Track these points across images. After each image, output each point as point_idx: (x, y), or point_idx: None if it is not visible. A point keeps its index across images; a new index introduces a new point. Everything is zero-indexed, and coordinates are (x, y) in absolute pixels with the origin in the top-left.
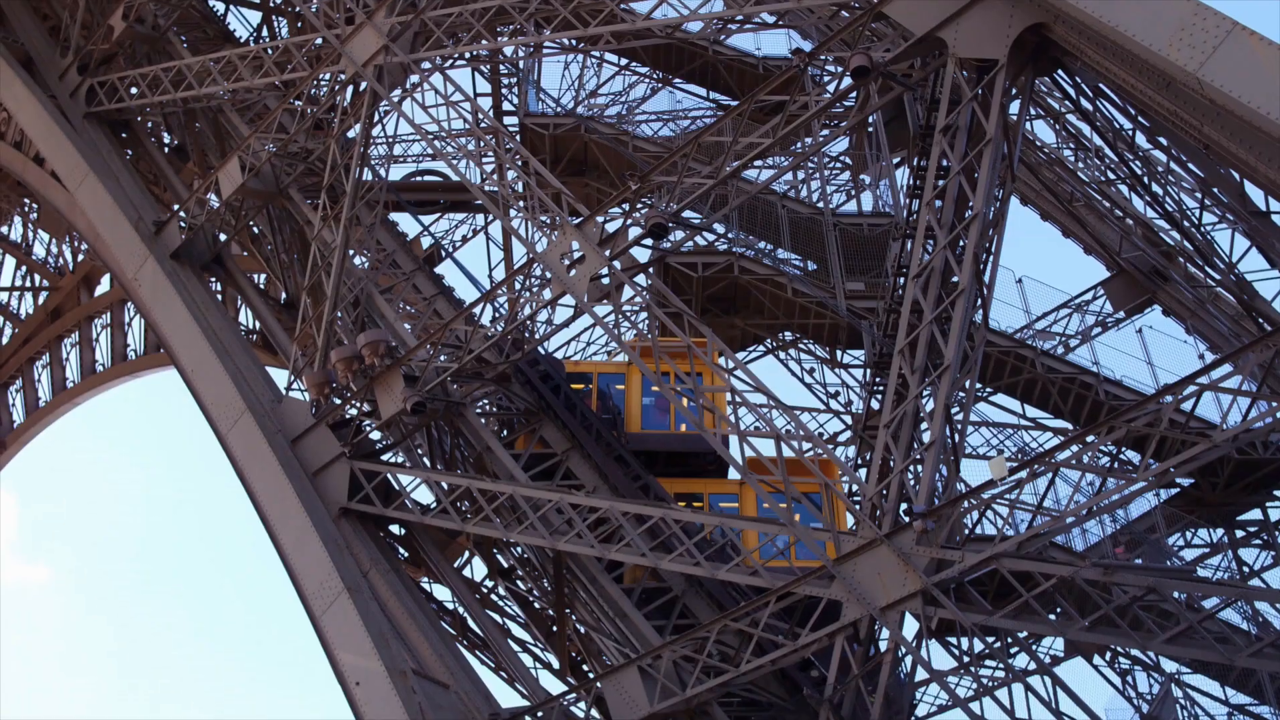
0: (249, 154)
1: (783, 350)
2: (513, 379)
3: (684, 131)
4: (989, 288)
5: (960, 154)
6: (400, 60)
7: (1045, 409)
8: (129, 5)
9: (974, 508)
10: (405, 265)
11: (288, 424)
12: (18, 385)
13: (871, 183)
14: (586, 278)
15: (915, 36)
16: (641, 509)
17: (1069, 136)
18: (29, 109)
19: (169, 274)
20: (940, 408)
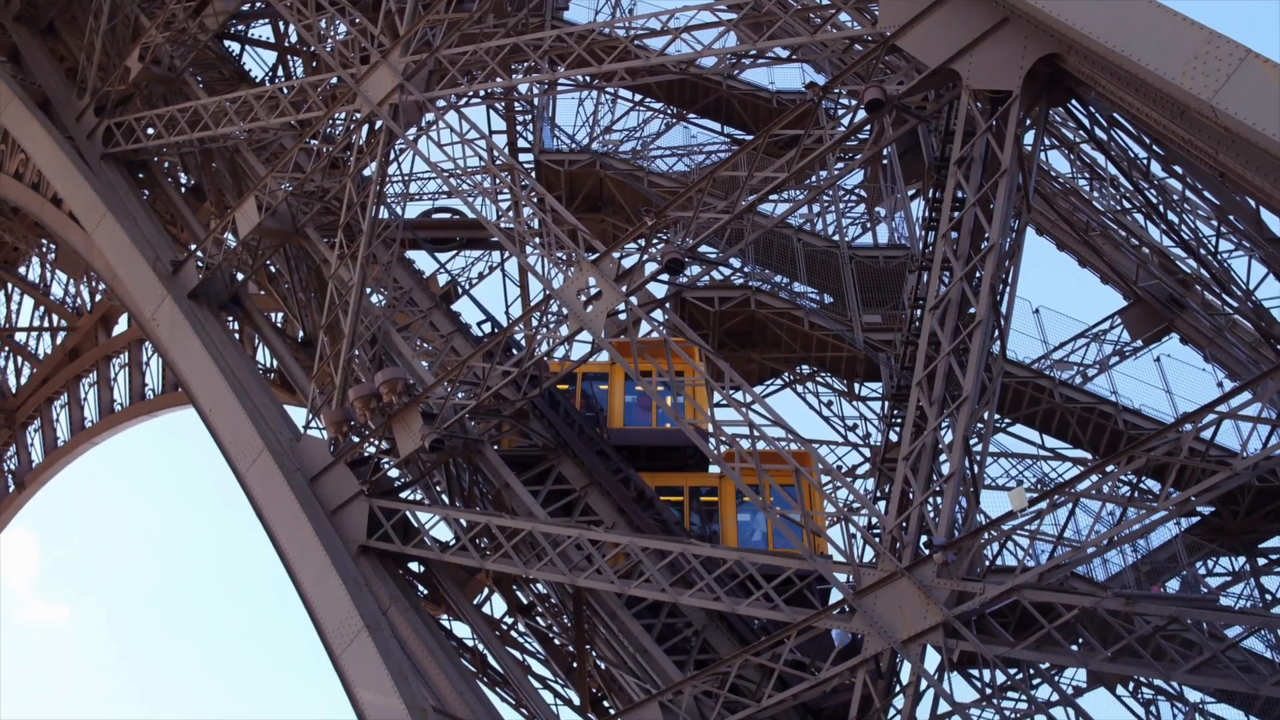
0: (265, 193)
1: (800, 384)
2: (530, 415)
3: (699, 166)
4: (1006, 319)
5: (975, 185)
6: (415, 98)
7: (1064, 439)
8: (145, 46)
9: (994, 539)
10: (422, 303)
11: (306, 462)
12: (36, 425)
13: (887, 215)
14: (603, 313)
15: (929, 69)
16: (661, 544)
17: (1084, 166)
18: (46, 150)
19: (187, 313)
20: (959, 439)
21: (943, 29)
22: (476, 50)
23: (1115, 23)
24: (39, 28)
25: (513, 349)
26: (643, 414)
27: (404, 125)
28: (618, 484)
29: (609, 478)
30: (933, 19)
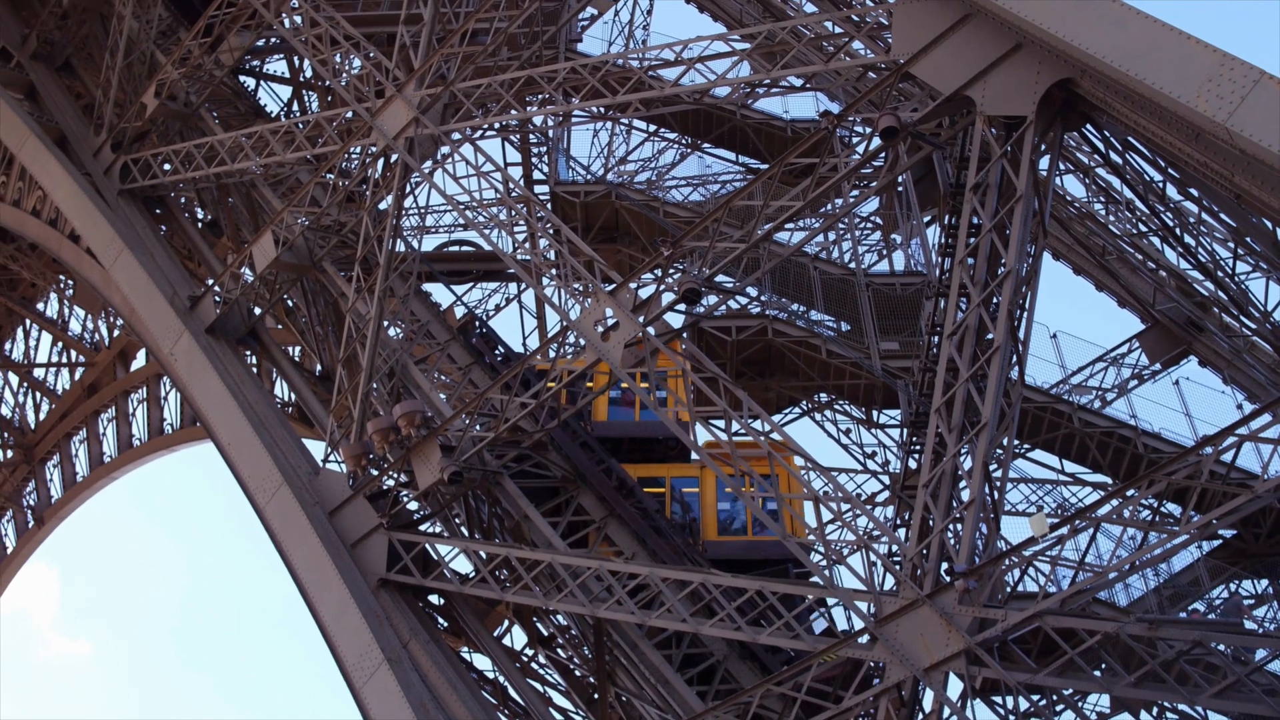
0: (282, 228)
1: (818, 412)
2: (548, 446)
3: (714, 196)
4: (1024, 344)
5: (991, 211)
6: (431, 132)
7: (1084, 464)
8: (161, 83)
9: (1015, 565)
10: (439, 335)
11: (325, 496)
12: (55, 461)
13: (903, 242)
14: (621, 344)
15: (943, 96)
16: (681, 575)
17: (1099, 190)
18: (64, 187)
19: (204, 348)
20: (979, 466)
21: (956, 56)
22: (491, 83)
23: (1128, 47)
24: (55, 65)
25: (530, 380)
26: (625, 408)
27: (419, 158)
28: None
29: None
30: (946, 46)
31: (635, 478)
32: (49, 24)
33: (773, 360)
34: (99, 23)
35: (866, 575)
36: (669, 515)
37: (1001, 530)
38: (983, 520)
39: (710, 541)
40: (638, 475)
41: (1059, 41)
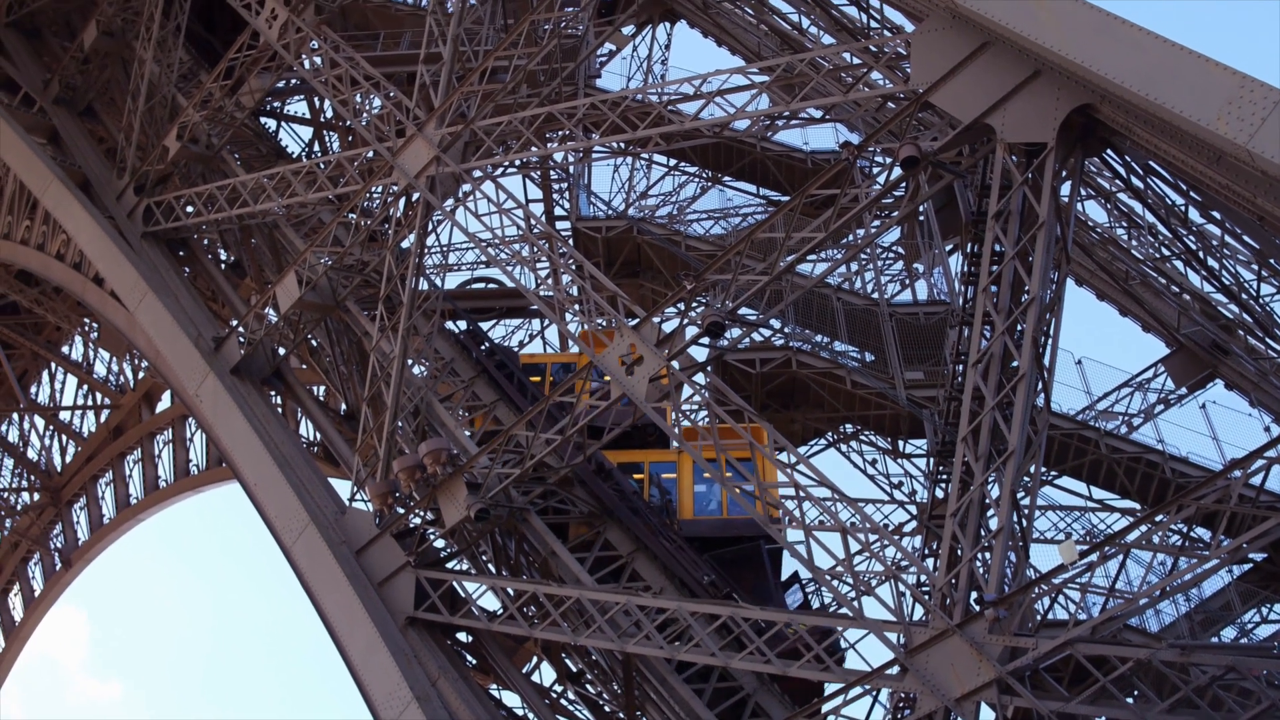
0: (305, 268)
1: (844, 443)
2: (574, 482)
3: (735, 229)
4: (1049, 371)
5: (1014, 239)
6: (452, 170)
7: (1112, 490)
8: (183, 126)
9: (1045, 593)
10: (464, 373)
11: (352, 535)
12: (82, 503)
13: (925, 271)
14: (645, 379)
15: (963, 124)
16: (710, 608)
17: (1121, 215)
18: (88, 230)
19: (230, 389)
20: (1007, 494)
21: (975, 84)
22: (511, 120)
23: (1147, 71)
24: (78, 110)
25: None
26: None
27: (441, 197)
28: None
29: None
30: (965, 74)
31: (615, 463)
32: (71, 69)
33: (797, 392)
34: (120, 67)
35: (896, 606)
36: (646, 499)
37: (1031, 558)
38: (1011, 549)
39: (685, 521)
40: (617, 461)
41: (1077, 67)
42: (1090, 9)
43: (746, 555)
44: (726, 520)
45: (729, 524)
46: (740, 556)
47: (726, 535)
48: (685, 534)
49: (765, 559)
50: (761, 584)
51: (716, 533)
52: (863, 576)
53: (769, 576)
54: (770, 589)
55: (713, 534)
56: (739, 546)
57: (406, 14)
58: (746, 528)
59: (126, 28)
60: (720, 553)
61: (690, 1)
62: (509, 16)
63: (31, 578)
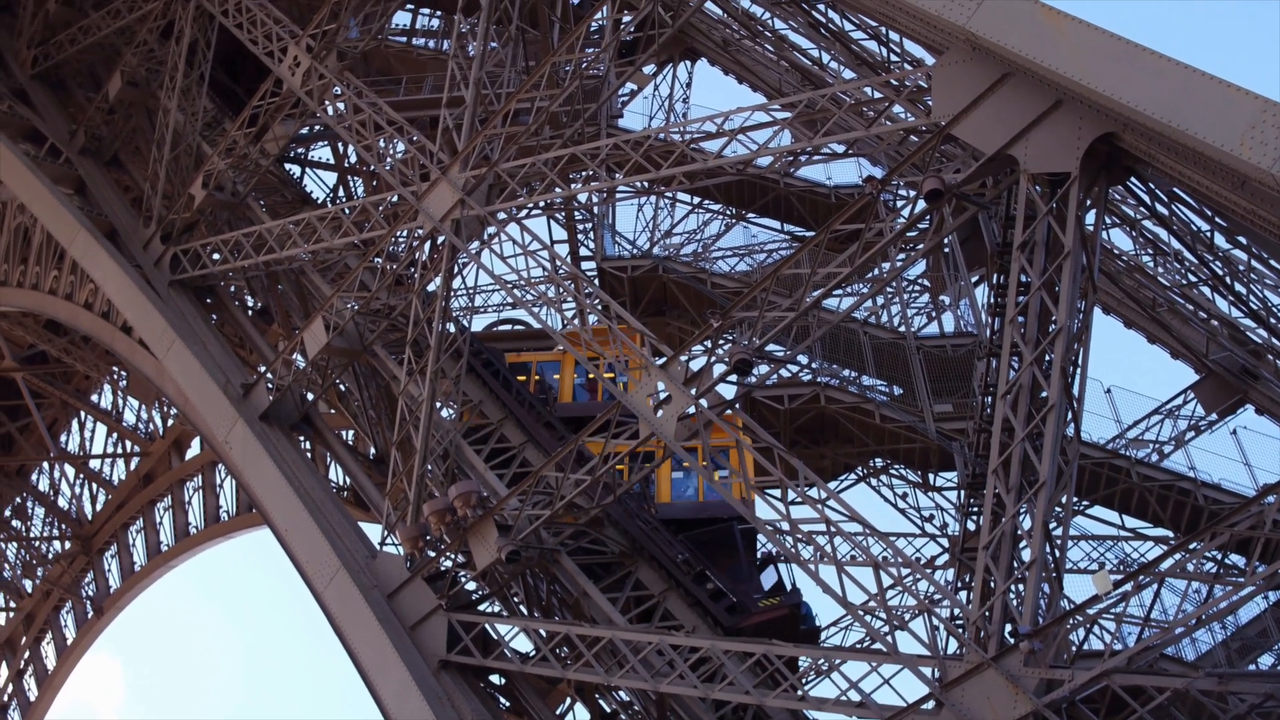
0: (332, 313)
1: (874, 477)
2: (604, 522)
3: (761, 265)
4: (1079, 400)
5: (1040, 269)
6: (476, 213)
7: (1144, 518)
8: (208, 174)
9: (1080, 624)
10: (492, 415)
11: (383, 579)
12: (113, 551)
13: (952, 303)
14: (674, 418)
15: (985, 156)
16: (743, 646)
17: (1146, 242)
18: (115, 280)
19: (259, 435)
20: (1039, 525)
21: (997, 115)
22: (534, 162)
23: (1169, 98)
24: (103, 160)
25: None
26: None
27: (466, 239)
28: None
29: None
30: (986, 106)
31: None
32: (96, 119)
33: (827, 427)
34: (145, 116)
35: (929, 640)
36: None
37: (1064, 589)
38: (1045, 580)
39: (662, 504)
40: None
41: (1099, 96)
42: (1110, 37)
43: (720, 536)
44: (701, 504)
45: (703, 507)
46: (714, 538)
47: (700, 517)
48: (661, 516)
49: (737, 539)
50: (735, 564)
51: (691, 515)
52: (896, 611)
53: (741, 556)
54: (743, 568)
55: (687, 516)
56: (712, 528)
57: (428, 58)
58: (720, 509)
59: (151, 77)
60: (695, 534)
61: (710, 39)
62: (530, 59)
63: (64, 626)
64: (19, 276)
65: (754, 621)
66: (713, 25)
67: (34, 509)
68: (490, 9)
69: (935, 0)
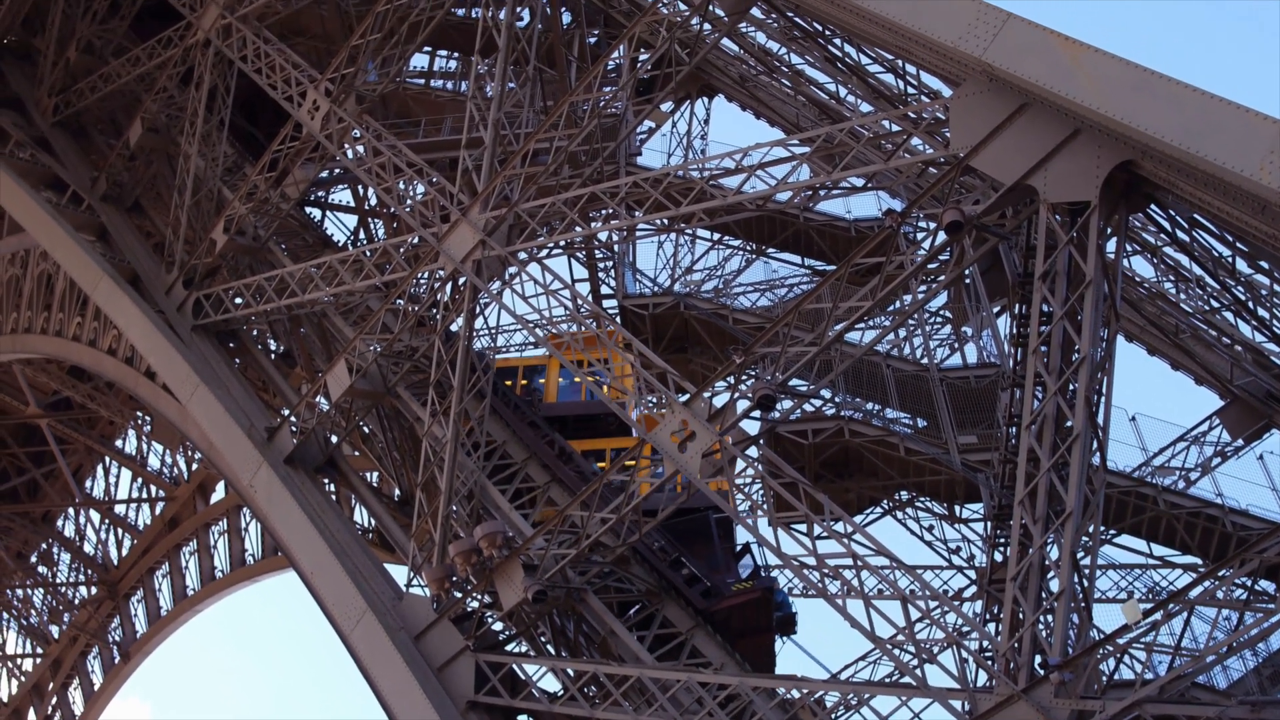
0: (355, 356)
1: (900, 510)
2: (631, 560)
3: (782, 300)
4: (1104, 429)
5: (1061, 298)
6: (497, 253)
7: (1172, 546)
8: (229, 218)
9: (1110, 654)
10: (517, 455)
11: (410, 621)
12: (139, 596)
13: (974, 334)
14: (698, 454)
15: (1005, 186)
16: (771, 683)
17: (1168, 269)
18: (138, 325)
19: (284, 479)
20: (1066, 555)
21: (1015, 146)
22: (554, 202)
23: (1186, 125)
24: (125, 206)
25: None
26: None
27: (487, 280)
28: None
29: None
30: (1005, 137)
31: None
32: (117, 166)
33: (851, 461)
34: (166, 162)
35: (959, 673)
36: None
37: (1094, 619)
38: (1074, 610)
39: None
40: (582, 449)
41: (1117, 125)
42: (1127, 65)
43: (696, 526)
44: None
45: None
46: (691, 527)
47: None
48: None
49: (713, 528)
50: (711, 553)
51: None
52: (925, 644)
53: (717, 545)
54: (719, 556)
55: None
56: (689, 518)
57: (447, 100)
58: (696, 499)
59: (171, 124)
60: (673, 524)
61: (727, 76)
62: (548, 99)
63: (91, 671)
64: (42, 323)
65: (727, 605)
66: (729, 61)
67: (60, 555)
68: (507, 50)
69: (951, 32)
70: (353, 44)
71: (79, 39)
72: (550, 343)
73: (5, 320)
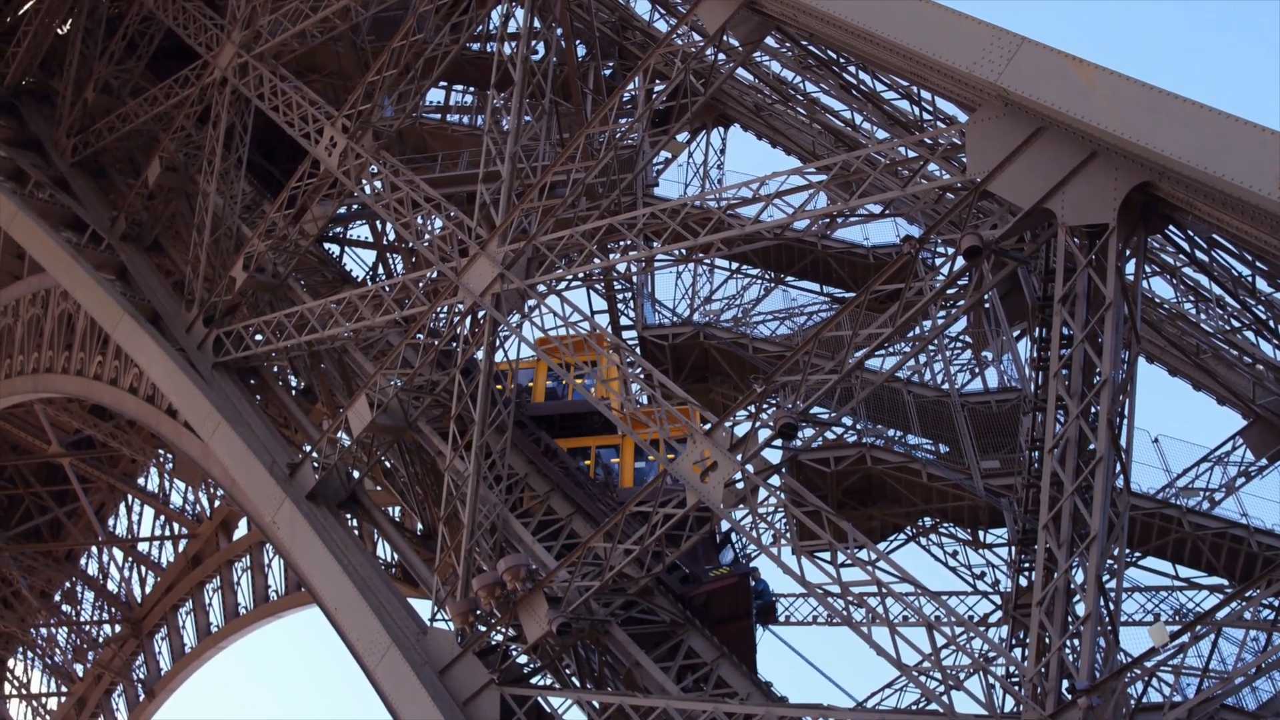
0: (376, 391)
1: (924, 536)
2: (655, 590)
3: (802, 328)
4: (1127, 451)
5: (1081, 321)
6: (516, 286)
7: (1198, 567)
8: (248, 256)
9: (1138, 678)
10: (539, 487)
11: (434, 655)
12: (163, 633)
13: (994, 358)
14: (720, 484)
15: (1022, 211)
16: (798, 713)
17: (1188, 289)
18: (159, 364)
19: (306, 515)
20: (1092, 579)
21: (1032, 170)
22: (572, 234)
23: (1203, 145)
24: (144, 245)
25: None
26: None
27: (507, 313)
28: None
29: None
30: (1021, 161)
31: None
32: (136, 205)
33: (874, 488)
34: (184, 201)
35: (986, 699)
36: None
37: (1120, 642)
38: (1101, 634)
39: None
40: (568, 447)
41: (1133, 146)
42: (1142, 87)
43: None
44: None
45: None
46: None
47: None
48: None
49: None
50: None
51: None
52: (951, 671)
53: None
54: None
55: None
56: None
57: (463, 134)
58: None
59: (189, 162)
60: None
61: (742, 105)
62: (564, 131)
63: (116, 709)
64: (64, 362)
65: (705, 590)
66: (744, 91)
67: (83, 593)
68: (523, 83)
69: (966, 57)
70: (369, 80)
71: (96, 80)
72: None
73: (27, 360)
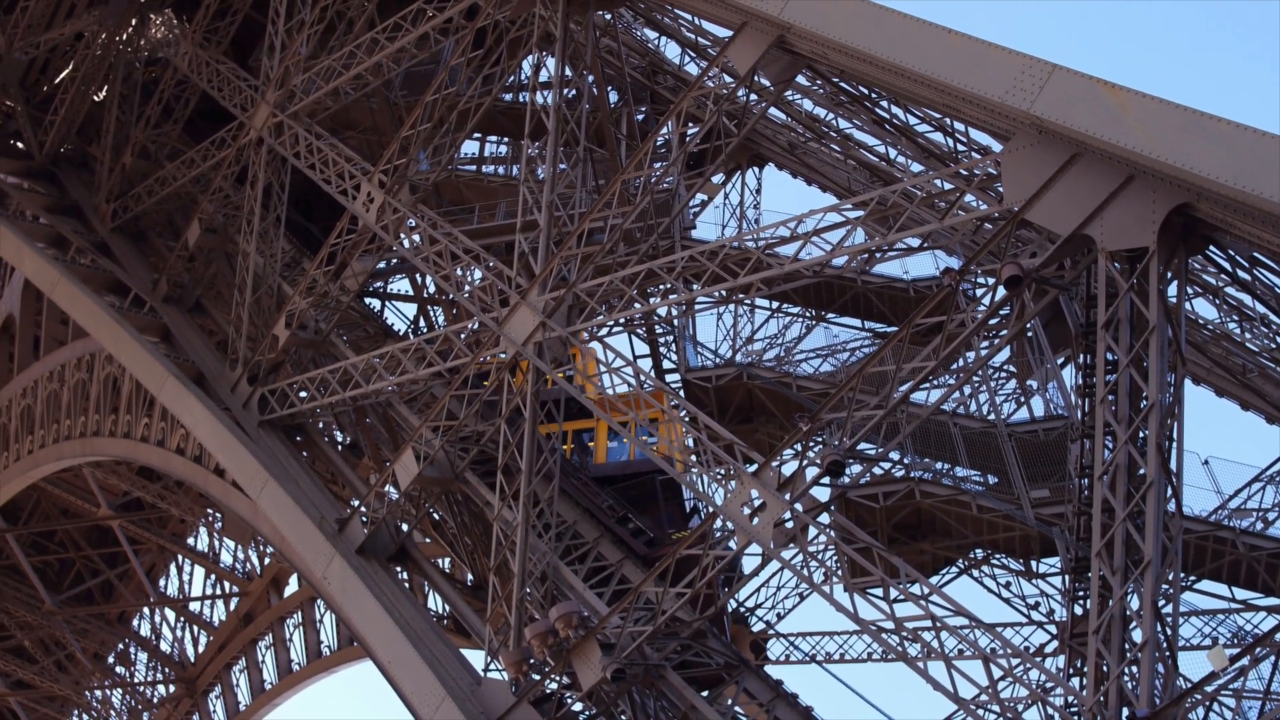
0: (422, 443)
1: (976, 568)
2: (707, 634)
3: (845, 365)
4: (1177, 475)
5: (1126, 346)
6: (558, 334)
7: (1254, 588)
8: (290, 313)
9: (1199, 703)
10: (588, 534)
11: (489, 705)
12: (217, 692)
13: (1040, 387)
14: (770, 524)
15: (1061, 238)
16: None
17: (1231, 309)
18: (205, 424)
19: (357, 570)
20: (1148, 605)
21: (1069, 196)
22: (612, 280)
23: (1240, 164)
24: (187, 306)
25: None
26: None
27: (549, 361)
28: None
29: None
30: (1059, 188)
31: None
32: (177, 267)
33: (924, 522)
34: (225, 261)
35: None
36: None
37: (1180, 668)
38: (1159, 660)
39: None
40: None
41: (1170, 168)
42: (1175, 108)
43: (645, 488)
44: (628, 462)
45: (629, 464)
46: (641, 491)
47: (627, 473)
48: (594, 474)
49: (659, 490)
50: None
51: (618, 471)
52: (1009, 703)
53: (662, 505)
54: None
55: (615, 473)
56: (637, 480)
57: (499, 185)
58: (643, 465)
59: (228, 223)
60: (623, 487)
61: (776, 144)
62: (600, 177)
63: None
64: (110, 425)
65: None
66: (778, 130)
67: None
68: (557, 132)
69: (998, 87)
70: (403, 135)
71: (134, 144)
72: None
73: (74, 424)
